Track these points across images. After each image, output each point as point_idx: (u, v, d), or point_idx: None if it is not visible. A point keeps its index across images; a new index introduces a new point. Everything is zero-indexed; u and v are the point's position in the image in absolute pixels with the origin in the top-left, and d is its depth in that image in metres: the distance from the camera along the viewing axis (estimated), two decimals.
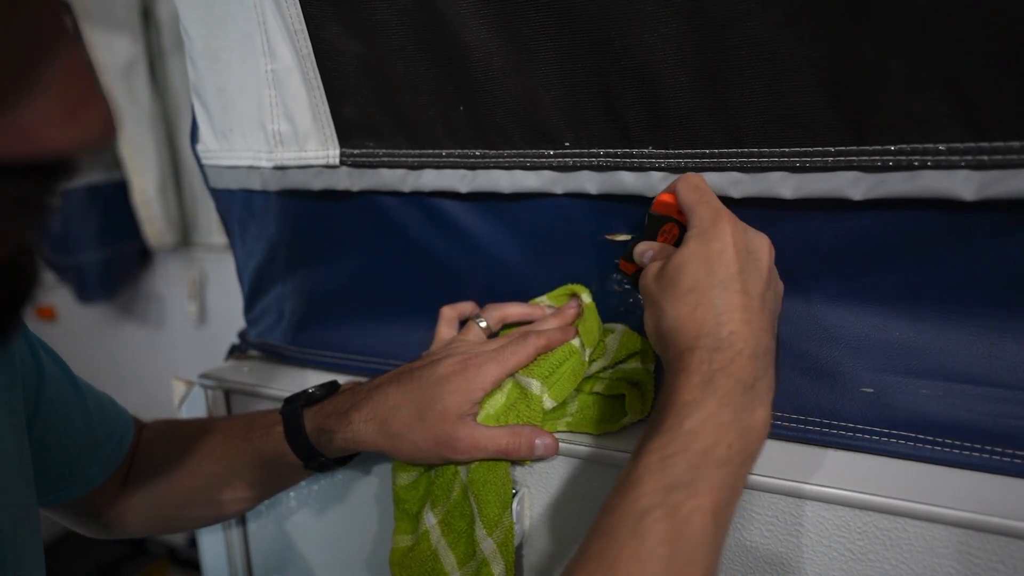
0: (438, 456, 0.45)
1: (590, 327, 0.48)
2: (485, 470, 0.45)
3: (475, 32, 0.42)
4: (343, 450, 0.48)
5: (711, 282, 0.37)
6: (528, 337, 0.47)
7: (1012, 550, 0.36)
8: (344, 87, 0.48)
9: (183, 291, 1.41)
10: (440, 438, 0.44)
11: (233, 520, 0.64)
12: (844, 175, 0.38)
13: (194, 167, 1.33)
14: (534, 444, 0.45)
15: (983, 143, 0.34)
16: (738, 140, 0.40)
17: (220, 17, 0.51)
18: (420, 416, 0.45)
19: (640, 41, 0.39)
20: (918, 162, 0.36)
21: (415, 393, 0.45)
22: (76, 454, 0.47)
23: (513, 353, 0.46)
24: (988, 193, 0.35)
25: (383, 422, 0.45)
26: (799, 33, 0.36)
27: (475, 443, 0.44)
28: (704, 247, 0.38)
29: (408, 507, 0.49)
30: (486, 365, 0.45)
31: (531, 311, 0.52)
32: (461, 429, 0.44)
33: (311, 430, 0.47)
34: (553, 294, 0.53)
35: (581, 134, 0.44)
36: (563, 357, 0.47)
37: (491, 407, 0.46)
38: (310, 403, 0.49)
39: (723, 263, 0.37)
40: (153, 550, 1.77)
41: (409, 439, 0.45)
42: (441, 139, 0.47)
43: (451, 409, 0.44)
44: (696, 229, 0.39)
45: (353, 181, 0.51)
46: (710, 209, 0.39)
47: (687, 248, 0.38)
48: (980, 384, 0.40)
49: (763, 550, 0.42)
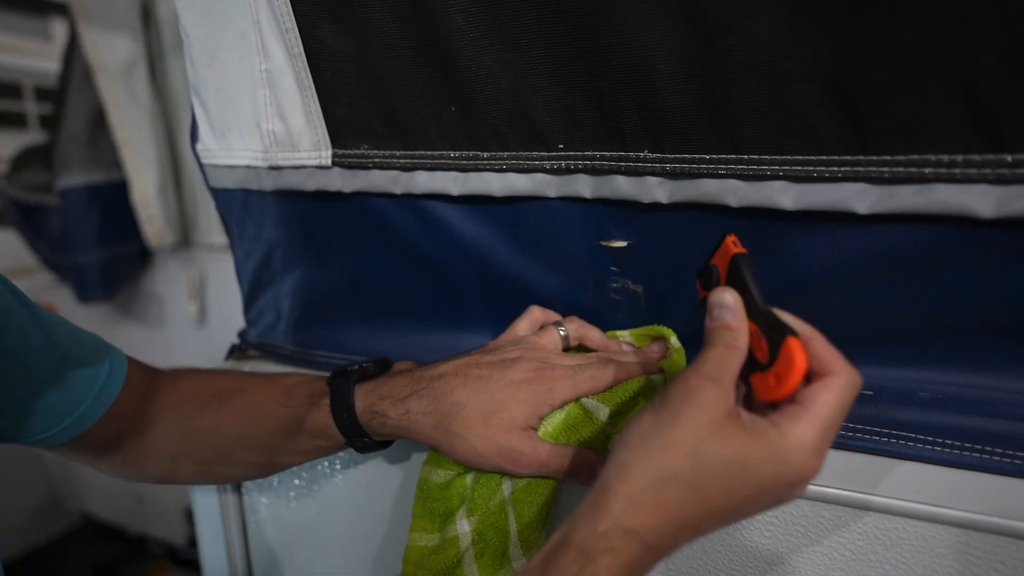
0: (495, 465, 0.43)
1: (677, 367, 0.45)
2: (534, 489, 0.43)
3: (465, 31, 0.42)
4: (393, 436, 0.46)
5: (720, 505, 0.31)
6: (609, 364, 0.44)
7: (1012, 550, 0.36)
8: (335, 87, 0.48)
9: (183, 291, 1.41)
10: (503, 448, 0.42)
11: (233, 519, 0.64)
12: (849, 186, 0.35)
13: (194, 167, 1.33)
14: (596, 473, 0.42)
15: (1003, 155, 0.31)
16: (737, 146, 0.38)
17: (218, 16, 0.51)
18: (485, 420, 0.42)
19: (634, 40, 0.37)
20: (931, 174, 0.33)
21: (483, 393, 0.43)
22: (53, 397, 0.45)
23: (591, 378, 0.43)
24: (1008, 210, 0.32)
25: (444, 418, 0.43)
26: (801, 33, 0.34)
27: (538, 459, 0.42)
28: (761, 472, 0.30)
29: (436, 506, 0.47)
30: (561, 382, 0.43)
31: (610, 344, 0.49)
32: (526, 443, 0.42)
33: (362, 410, 0.45)
34: (636, 331, 0.49)
35: (575, 136, 0.42)
36: (639, 390, 0.43)
37: (550, 424, 0.44)
38: (363, 379, 0.47)
39: (754, 500, 0.31)
40: (153, 550, 1.77)
41: (470, 442, 0.42)
42: (433, 140, 0.47)
43: (518, 419, 0.42)
44: (785, 443, 0.30)
45: (346, 182, 0.51)
46: (821, 446, 0.30)
47: (750, 446, 0.30)
48: (980, 386, 0.40)
49: (763, 550, 0.42)
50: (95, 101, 1.26)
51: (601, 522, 0.31)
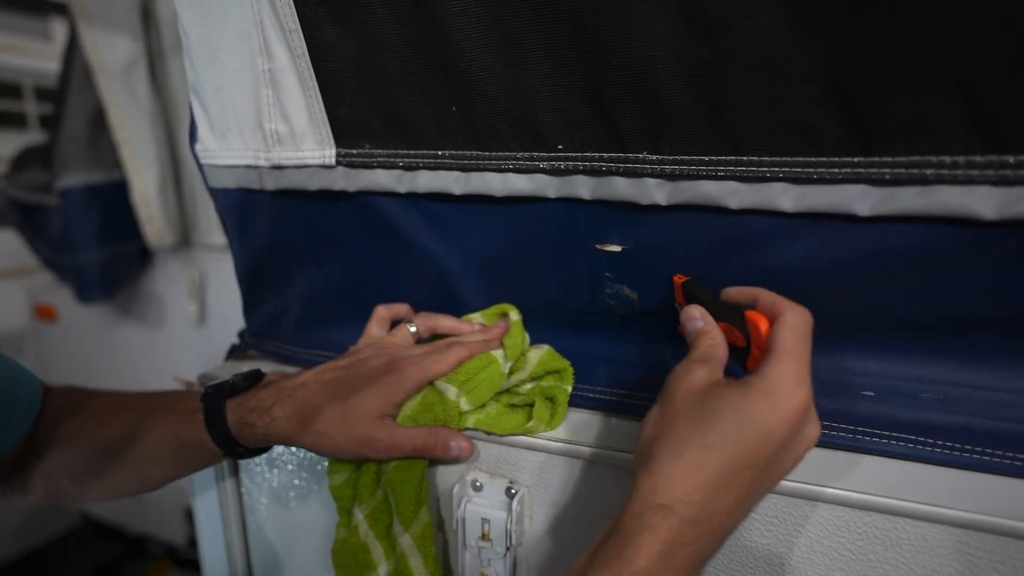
0: (358, 455, 0.47)
1: (515, 341, 0.51)
2: (402, 470, 0.47)
3: (467, 31, 0.42)
4: (263, 443, 0.49)
5: (735, 455, 0.33)
6: (452, 347, 0.49)
7: (1012, 550, 0.36)
8: (339, 87, 0.48)
9: (183, 291, 1.41)
10: (361, 438, 0.46)
11: (233, 519, 0.64)
12: (851, 188, 0.35)
13: (194, 167, 1.33)
14: (449, 445, 0.47)
15: (1006, 156, 0.31)
16: (736, 147, 0.38)
17: (218, 16, 0.51)
18: (342, 416, 0.46)
19: (634, 41, 0.37)
20: (932, 175, 0.33)
21: (339, 393, 0.47)
22: None
23: (436, 361, 0.48)
24: (1011, 212, 0.32)
25: (305, 420, 0.47)
26: (801, 34, 0.34)
27: (394, 443, 0.46)
28: (761, 416, 0.33)
29: (344, 504, 0.51)
30: (409, 370, 0.47)
31: (461, 326, 0.54)
32: (381, 430, 0.46)
33: (233, 422, 0.48)
34: (486, 312, 0.54)
35: (575, 137, 0.42)
36: (481, 365, 0.49)
37: (408, 408, 0.48)
38: (233, 393, 0.50)
39: (764, 444, 0.33)
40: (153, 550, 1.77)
41: (331, 437, 0.46)
42: (435, 140, 0.47)
43: (372, 410, 0.46)
44: (768, 383, 0.34)
45: (349, 181, 0.51)
46: (798, 377, 0.34)
47: (744, 400, 0.34)
48: (980, 387, 0.40)
49: (763, 550, 0.42)
50: (95, 101, 1.25)
51: (634, 504, 0.34)
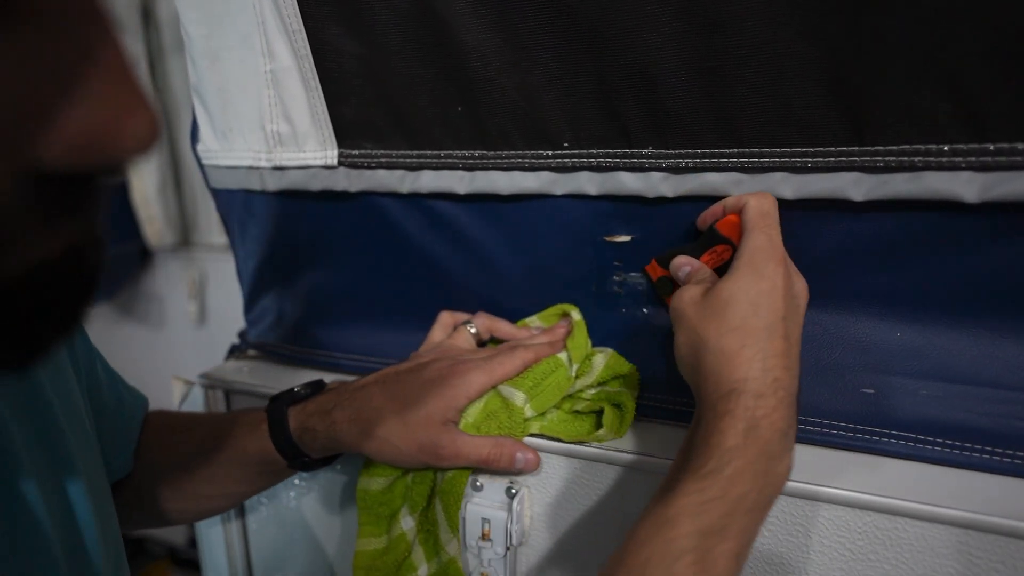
0: (419, 462, 0.45)
1: (579, 343, 0.48)
2: (457, 478, 0.46)
3: (473, 32, 0.42)
4: (326, 450, 0.48)
5: (758, 324, 0.36)
6: (517, 350, 0.47)
7: (1012, 550, 0.36)
8: (342, 87, 0.48)
9: (183, 291, 1.41)
10: (424, 445, 0.44)
11: (233, 519, 0.64)
12: (845, 176, 0.38)
13: (194, 167, 1.33)
14: (515, 457, 0.45)
15: (986, 144, 0.34)
16: (739, 140, 0.40)
17: (220, 17, 0.51)
18: (403, 421, 0.44)
19: (639, 40, 0.39)
20: (920, 163, 0.36)
21: (399, 396, 0.45)
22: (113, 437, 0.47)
23: (500, 364, 0.46)
24: (991, 195, 0.35)
25: (366, 424, 0.45)
26: (799, 32, 0.36)
27: (457, 451, 0.44)
28: (754, 283, 0.37)
29: (381, 510, 0.49)
30: (472, 373, 0.45)
31: (519, 332, 0.52)
32: (444, 436, 0.44)
33: (295, 429, 0.47)
34: (544, 314, 0.53)
35: (580, 134, 0.44)
36: (549, 370, 0.47)
37: (471, 415, 0.46)
38: (295, 401, 0.49)
39: (771, 305, 0.36)
40: (153, 550, 1.77)
41: (391, 443, 0.45)
42: (439, 140, 0.47)
43: (435, 415, 0.44)
44: (747, 258, 0.38)
45: (351, 182, 0.51)
46: (769, 242, 0.38)
47: (736, 280, 0.37)
48: (980, 385, 0.40)
49: (763, 550, 0.42)
50: None
51: (705, 408, 0.36)
